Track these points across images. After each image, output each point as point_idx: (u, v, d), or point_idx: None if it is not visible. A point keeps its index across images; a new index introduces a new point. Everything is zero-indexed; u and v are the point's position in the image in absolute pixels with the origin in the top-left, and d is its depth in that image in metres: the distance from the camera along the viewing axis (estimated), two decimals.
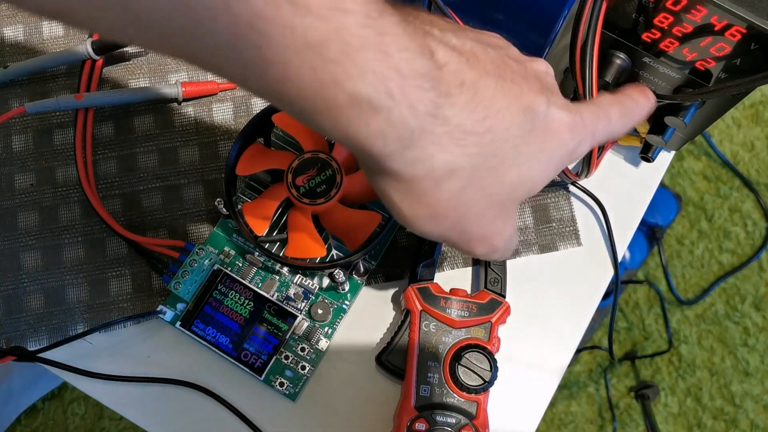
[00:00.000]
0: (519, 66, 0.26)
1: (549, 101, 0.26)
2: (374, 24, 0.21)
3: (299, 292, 0.41)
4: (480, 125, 0.24)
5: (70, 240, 0.43)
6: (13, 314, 0.42)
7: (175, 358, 0.41)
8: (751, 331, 1.05)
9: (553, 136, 0.26)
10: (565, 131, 0.27)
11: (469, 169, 0.25)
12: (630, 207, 0.44)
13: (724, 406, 1.03)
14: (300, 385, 0.40)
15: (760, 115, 1.13)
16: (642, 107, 0.31)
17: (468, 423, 0.37)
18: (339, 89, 0.21)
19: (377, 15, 0.21)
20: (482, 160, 0.25)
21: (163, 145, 0.45)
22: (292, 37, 0.20)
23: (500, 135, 0.25)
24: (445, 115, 0.23)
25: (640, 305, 1.07)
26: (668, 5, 0.32)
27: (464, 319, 0.39)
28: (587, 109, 0.28)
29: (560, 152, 0.27)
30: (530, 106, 0.25)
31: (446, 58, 0.24)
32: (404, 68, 0.22)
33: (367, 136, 0.23)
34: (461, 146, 0.24)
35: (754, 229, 1.09)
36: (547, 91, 0.26)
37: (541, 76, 0.27)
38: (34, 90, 0.46)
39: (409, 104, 0.22)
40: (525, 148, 0.26)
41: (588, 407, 1.03)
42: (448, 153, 0.24)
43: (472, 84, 0.24)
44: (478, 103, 0.24)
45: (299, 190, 0.38)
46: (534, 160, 0.26)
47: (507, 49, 0.27)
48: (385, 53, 0.21)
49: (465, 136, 0.24)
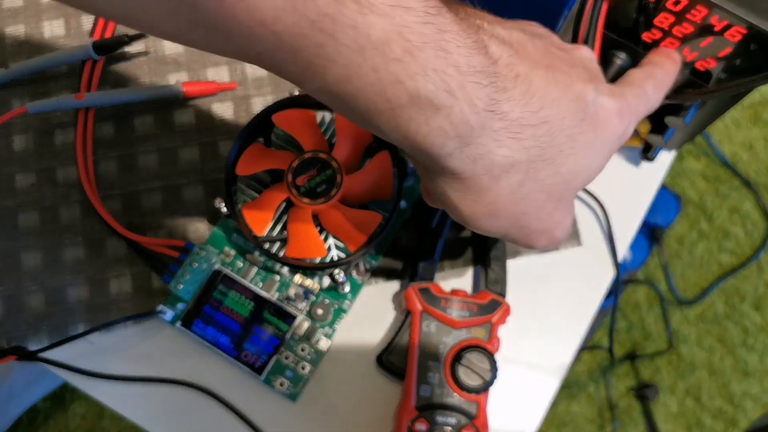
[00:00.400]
0: (564, 54, 0.26)
1: (597, 89, 0.26)
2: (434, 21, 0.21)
3: (299, 292, 0.41)
4: (535, 117, 0.24)
5: (70, 240, 0.43)
6: (14, 314, 0.42)
7: (175, 358, 0.41)
8: (750, 331, 1.06)
9: (604, 124, 0.26)
10: (615, 117, 0.27)
11: (527, 163, 0.25)
12: (631, 207, 0.44)
13: (723, 405, 1.03)
14: (300, 385, 0.40)
15: (759, 116, 1.14)
16: (671, 73, 0.31)
17: (468, 423, 0.37)
18: (401, 88, 0.21)
19: (436, 12, 0.21)
20: (539, 152, 0.25)
21: (164, 145, 0.45)
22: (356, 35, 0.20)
23: (556, 126, 0.25)
24: (502, 110, 0.23)
25: (640, 305, 1.07)
26: (668, 5, 0.32)
27: (465, 320, 0.39)
28: (629, 91, 0.28)
29: (612, 138, 0.27)
30: (581, 95, 0.25)
31: (499, 51, 0.23)
32: (463, 65, 0.21)
33: (427, 134, 0.22)
34: (519, 140, 0.24)
35: (754, 229, 1.09)
36: (594, 79, 0.26)
37: (587, 63, 0.27)
38: (35, 90, 0.46)
39: (469, 101, 0.22)
40: (580, 137, 0.26)
41: (588, 407, 1.04)
42: (507, 148, 0.24)
43: (526, 76, 0.24)
44: (532, 95, 0.24)
45: (299, 189, 0.38)
46: (589, 148, 0.26)
47: (550, 37, 0.27)
48: (445, 50, 0.21)
49: (522, 130, 0.24)
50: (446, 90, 0.21)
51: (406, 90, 0.21)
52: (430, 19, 0.21)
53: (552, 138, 0.25)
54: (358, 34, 0.20)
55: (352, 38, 0.20)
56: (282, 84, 0.46)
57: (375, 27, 0.20)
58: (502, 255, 0.41)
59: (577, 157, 0.26)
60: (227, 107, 0.46)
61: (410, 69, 0.21)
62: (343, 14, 0.19)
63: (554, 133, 0.25)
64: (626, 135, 0.28)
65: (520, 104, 0.24)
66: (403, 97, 0.21)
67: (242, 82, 0.46)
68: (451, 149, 0.23)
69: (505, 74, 0.23)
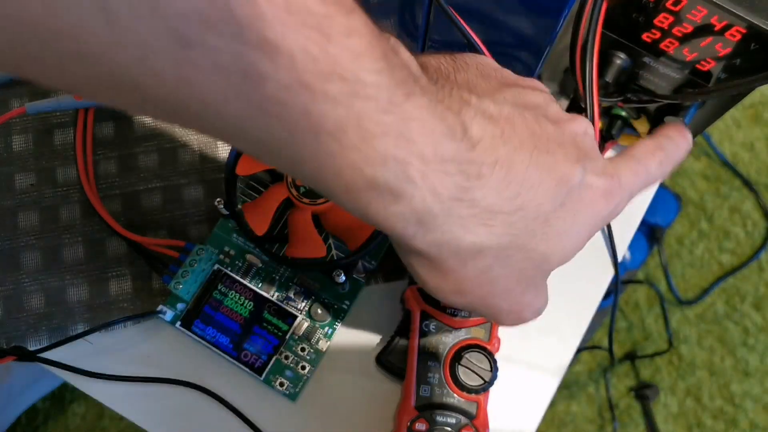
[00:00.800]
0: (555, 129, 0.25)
1: (585, 169, 0.25)
2: (398, 110, 0.20)
3: (299, 292, 0.41)
4: (510, 204, 0.23)
5: (70, 240, 0.43)
6: (14, 314, 0.42)
7: (175, 358, 0.41)
8: (750, 331, 1.06)
9: (587, 206, 0.25)
10: (600, 199, 0.26)
11: (496, 249, 0.24)
12: (630, 207, 0.44)
13: (723, 405, 1.03)
14: (300, 385, 0.40)
15: (760, 116, 1.13)
16: (682, 149, 0.30)
17: (468, 423, 0.37)
18: (359, 174, 0.20)
19: (403, 99, 0.20)
20: (511, 238, 0.24)
21: (163, 145, 0.45)
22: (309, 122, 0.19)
23: (531, 212, 0.24)
24: (473, 197, 0.22)
25: (640, 305, 1.07)
26: (668, 5, 0.32)
27: (464, 319, 0.39)
28: (625, 166, 0.27)
29: (593, 221, 0.26)
30: (564, 178, 0.24)
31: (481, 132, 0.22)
32: (428, 153, 0.21)
33: (387, 218, 0.22)
34: (489, 226, 0.23)
35: (754, 229, 1.09)
36: (584, 158, 0.25)
37: (579, 139, 0.26)
38: (34, 90, 0.46)
39: (432, 190, 0.21)
40: (556, 222, 0.25)
41: (588, 407, 1.03)
42: (474, 235, 0.23)
43: (506, 160, 0.23)
44: (510, 181, 0.23)
45: (299, 189, 0.38)
46: (564, 234, 0.25)
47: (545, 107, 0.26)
48: (407, 139, 0.20)
49: (493, 217, 0.23)
50: (406, 179, 0.21)
51: (364, 177, 0.20)
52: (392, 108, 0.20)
53: (525, 224, 0.24)
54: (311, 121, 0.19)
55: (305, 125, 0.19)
56: None
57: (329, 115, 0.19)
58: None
59: (551, 243, 0.25)
60: None
61: (368, 157, 0.20)
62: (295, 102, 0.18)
63: (528, 220, 0.24)
64: (614, 213, 0.27)
65: (494, 191, 0.23)
66: (360, 183, 0.21)
67: None
68: (413, 233, 0.22)
69: (481, 160, 0.22)
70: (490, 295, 0.26)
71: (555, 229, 0.25)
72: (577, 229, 0.26)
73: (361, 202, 0.21)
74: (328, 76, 0.18)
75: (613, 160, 0.28)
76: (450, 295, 0.26)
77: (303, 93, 0.18)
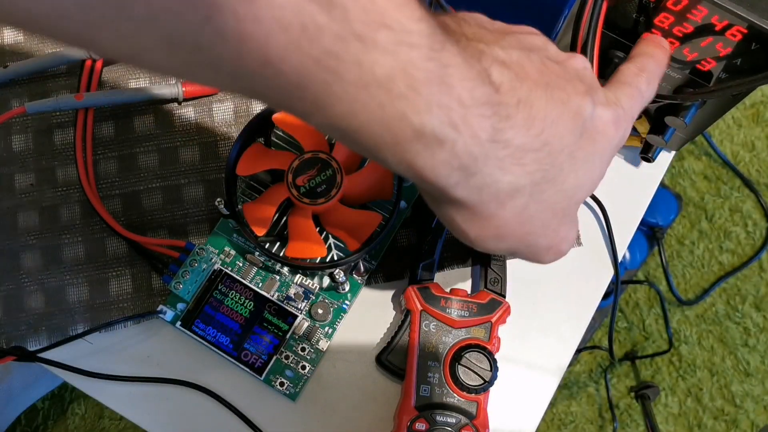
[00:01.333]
0: (560, 68, 0.27)
1: (593, 101, 0.26)
2: (438, 56, 0.21)
3: (299, 292, 0.41)
4: (537, 140, 0.24)
5: (70, 240, 0.43)
6: (13, 314, 0.42)
7: (175, 358, 0.41)
8: (751, 332, 1.05)
9: (602, 136, 0.27)
10: (611, 127, 0.27)
11: (530, 186, 0.25)
12: (630, 207, 0.44)
13: (724, 406, 1.03)
14: (300, 385, 0.40)
15: (760, 115, 1.13)
16: (662, 62, 0.32)
17: (468, 423, 0.37)
18: (406, 124, 0.21)
19: (440, 47, 0.21)
20: (542, 174, 0.25)
21: (163, 145, 0.45)
22: (360, 72, 0.20)
23: (556, 146, 0.25)
24: (506, 138, 0.24)
25: (640, 305, 1.07)
26: (669, 5, 0.32)
27: (464, 319, 0.39)
28: (623, 93, 0.29)
29: (609, 148, 0.28)
30: (578, 111, 0.26)
31: (500, 77, 0.24)
32: (466, 98, 0.22)
33: (432, 168, 0.23)
34: (522, 165, 0.24)
35: (755, 229, 1.09)
36: (590, 90, 0.27)
37: (582, 74, 0.27)
38: (33, 90, 0.46)
39: (473, 133, 0.22)
40: (579, 153, 0.26)
41: (588, 407, 1.03)
42: (511, 174, 0.24)
43: (527, 100, 0.24)
44: (534, 118, 0.24)
45: (299, 190, 0.38)
46: (588, 162, 0.27)
47: (546, 49, 0.27)
48: (448, 85, 0.21)
49: (524, 155, 0.24)
50: (450, 124, 0.22)
51: (411, 125, 0.21)
52: (433, 55, 0.21)
53: (553, 159, 0.25)
54: (362, 72, 0.20)
55: (357, 75, 0.20)
56: None
57: (379, 64, 0.20)
58: (501, 255, 0.41)
59: (578, 173, 0.26)
60: (227, 107, 0.46)
61: (415, 105, 0.21)
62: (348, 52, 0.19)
63: (555, 154, 0.25)
64: (623, 140, 0.29)
65: (522, 130, 0.24)
66: (407, 133, 0.22)
67: None
68: (456, 180, 0.24)
69: (507, 102, 0.23)
70: (529, 234, 0.27)
71: (579, 160, 0.26)
72: (597, 157, 0.27)
73: (408, 154, 0.22)
74: (377, 26, 0.19)
75: (610, 89, 0.29)
76: (491, 241, 0.27)
77: (355, 44, 0.19)
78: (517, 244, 0.27)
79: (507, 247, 0.28)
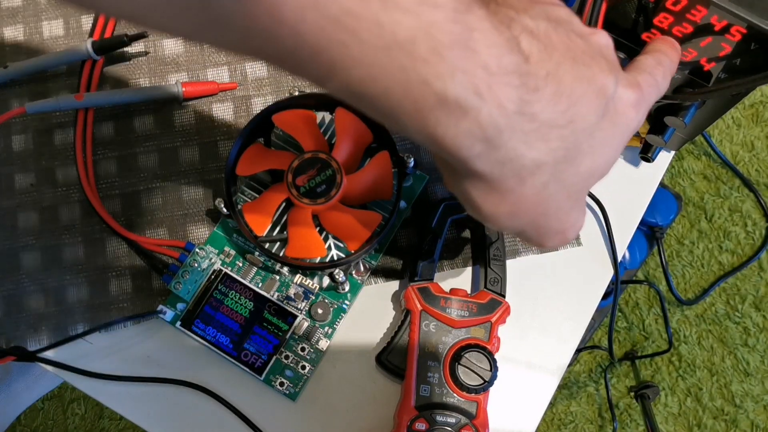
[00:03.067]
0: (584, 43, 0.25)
1: (617, 80, 0.25)
2: (463, 19, 0.20)
3: (299, 292, 0.41)
4: (563, 117, 0.23)
5: (70, 240, 0.43)
6: (13, 314, 0.42)
7: (175, 358, 0.41)
8: (751, 331, 1.05)
9: (622, 118, 0.26)
10: (631, 110, 0.26)
11: (552, 164, 0.24)
12: (630, 207, 0.44)
13: (724, 406, 1.03)
14: (300, 384, 0.40)
15: (760, 115, 1.13)
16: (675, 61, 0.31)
17: (468, 423, 0.37)
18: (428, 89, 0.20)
19: (465, 9, 0.20)
20: (564, 152, 0.24)
21: (163, 145, 0.45)
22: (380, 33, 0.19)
23: (580, 125, 0.24)
24: (533, 111, 0.22)
25: (640, 305, 1.07)
26: (668, 5, 0.32)
27: (464, 319, 0.39)
28: (643, 79, 0.28)
29: (627, 131, 0.26)
30: (602, 89, 0.25)
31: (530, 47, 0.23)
32: (493, 65, 0.21)
33: (455, 137, 0.22)
34: (546, 141, 0.23)
35: (754, 229, 1.09)
36: (614, 69, 0.26)
37: (605, 52, 0.26)
38: (34, 90, 0.46)
39: (498, 103, 0.21)
40: (598, 134, 0.25)
41: (588, 407, 1.03)
42: (536, 150, 0.23)
43: (555, 73, 0.23)
44: (561, 93, 0.23)
45: (299, 190, 0.38)
46: (606, 145, 0.26)
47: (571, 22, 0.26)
48: (473, 50, 0.20)
49: (550, 131, 0.23)
50: (475, 92, 0.21)
51: (433, 91, 0.20)
52: (458, 17, 0.20)
53: (576, 138, 0.24)
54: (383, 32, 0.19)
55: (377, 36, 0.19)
56: (282, 84, 0.46)
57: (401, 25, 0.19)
58: (501, 255, 0.41)
59: (595, 155, 0.25)
60: (227, 107, 0.46)
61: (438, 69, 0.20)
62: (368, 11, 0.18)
63: (578, 133, 0.24)
64: (639, 126, 0.27)
65: (550, 104, 0.23)
66: (430, 99, 0.20)
67: (242, 83, 0.46)
68: (478, 152, 0.23)
69: (536, 72, 0.22)
70: (543, 215, 0.26)
71: (598, 141, 0.25)
72: (615, 140, 0.26)
73: (429, 121, 0.21)
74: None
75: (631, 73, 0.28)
76: (504, 218, 0.26)
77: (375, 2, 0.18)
78: (529, 223, 0.26)
79: (518, 225, 0.26)
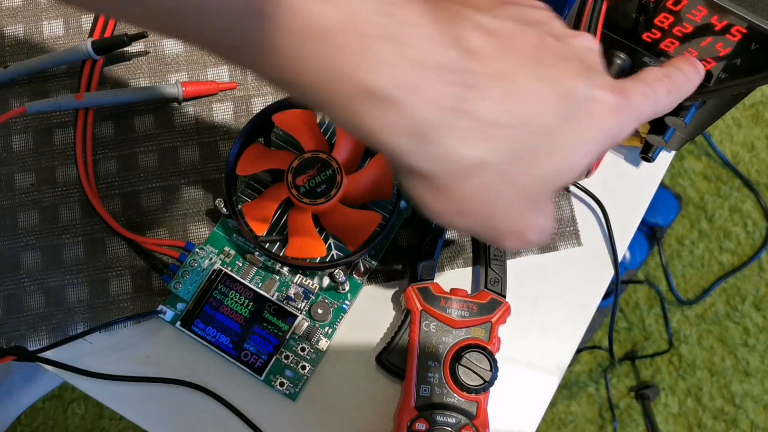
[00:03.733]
0: (559, 45, 0.25)
1: (590, 83, 0.24)
2: (395, 12, 0.20)
3: (299, 292, 0.41)
4: (510, 117, 0.23)
5: (70, 240, 0.43)
6: (13, 314, 0.42)
7: (175, 358, 0.41)
8: (751, 331, 1.05)
9: (594, 121, 0.25)
10: (608, 113, 0.25)
11: (497, 164, 0.23)
12: (630, 207, 0.44)
13: (724, 406, 1.03)
14: (300, 384, 0.40)
15: (760, 115, 1.13)
16: (692, 80, 0.30)
17: (468, 423, 0.37)
18: (347, 80, 0.20)
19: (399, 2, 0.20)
20: (513, 153, 0.23)
21: (163, 145, 0.45)
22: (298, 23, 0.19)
23: (533, 126, 0.23)
24: (471, 109, 0.22)
25: (640, 305, 1.07)
26: (668, 5, 0.32)
27: (464, 319, 0.39)
28: (634, 87, 0.27)
29: (601, 137, 0.25)
30: (568, 92, 0.24)
31: (481, 44, 0.22)
32: (424, 60, 0.20)
33: (383, 131, 0.21)
34: (489, 141, 0.22)
35: (755, 229, 1.09)
36: (588, 72, 0.25)
37: (583, 54, 0.25)
38: (34, 90, 0.46)
39: (428, 99, 0.21)
40: (561, 137, 0.24)
41: (588, 407, 1.03)
42: (474, 149, 0.22)
43: (509, 73, 0.22)
44: (511, 93, 0.22)
45: (299, 189, 0.38)
46: (570, 149, 0.24)
47: (549, 24, 0.26)
48: (402, 43, 0.20)
49: (493, 130, 0.22)
50: (401, 85, 0.20)
51: (353, 83, 0.20)
52: (388, 9, 0.19)
53: (529, 139, 0.23)
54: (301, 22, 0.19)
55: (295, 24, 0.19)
56: None
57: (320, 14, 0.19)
58: (501, 255, 0.41)
59: (555, 159, 0.24)
60: (227, 107, 0.46)
61: (359, 61, 0.20)
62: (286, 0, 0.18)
63: (531, 134, 0.23)
64: (622, 134, 0.26)
65: (494, 104, 0.22)
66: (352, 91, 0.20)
67: (242, 82, 0.46)
68: (410, 147, 0.22)
69: (480, 71, 0.22)
70: (491, 215, 0.25)
71: (561, 144, 0.24)
72: (584, 144, 0.25)
73: (355, 113, 0.21)
74: None
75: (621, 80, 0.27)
76: (450, 216, 0.25)
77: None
78: (479, 224, 0.25)
79: (467, 224, 0.26)
